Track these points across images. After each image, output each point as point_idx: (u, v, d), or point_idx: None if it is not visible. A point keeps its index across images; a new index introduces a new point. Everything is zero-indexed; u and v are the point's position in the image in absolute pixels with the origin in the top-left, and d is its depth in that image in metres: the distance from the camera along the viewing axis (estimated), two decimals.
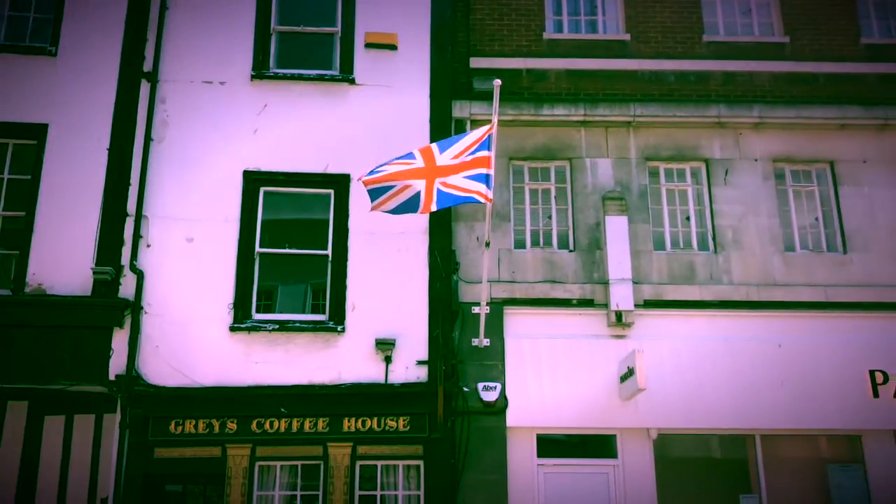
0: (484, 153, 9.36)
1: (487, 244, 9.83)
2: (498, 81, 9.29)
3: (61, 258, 10.41)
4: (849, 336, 10.88)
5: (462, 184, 9.26)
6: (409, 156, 9.27)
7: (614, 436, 10.64)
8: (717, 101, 11.90)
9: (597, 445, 10.69)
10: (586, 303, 11.02)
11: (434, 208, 9.11)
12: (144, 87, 11.18)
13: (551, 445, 10.61)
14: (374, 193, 9.31)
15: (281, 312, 10.76)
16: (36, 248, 10.45)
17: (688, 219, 11.66)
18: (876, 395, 10.61)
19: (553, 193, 11.70)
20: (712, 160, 11.77)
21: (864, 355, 10.77)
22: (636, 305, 10.91)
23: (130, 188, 10.76)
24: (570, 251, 11.31)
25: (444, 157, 9.36)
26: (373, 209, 9.31)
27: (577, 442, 10.80)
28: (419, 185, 9.17)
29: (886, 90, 12.09)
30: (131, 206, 10.70)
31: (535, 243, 11.44)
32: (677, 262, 11.27)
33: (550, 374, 10.64)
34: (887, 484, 10.42)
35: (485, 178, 9.28)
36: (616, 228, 11.16)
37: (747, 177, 11.69)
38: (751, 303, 11.04)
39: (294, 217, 11.31)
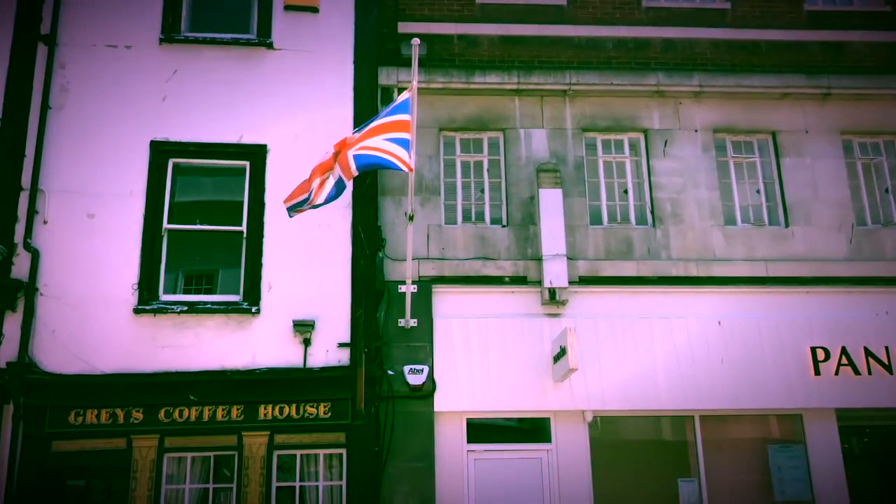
0: (402, 116, 8.71)
1: (411, 217, 9.20)
2: (416, 41, 8.64)
3: None
4: (789, 312, 10.49)
5: (382, 145, 8.59)
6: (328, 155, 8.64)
7: (548, 419, 10.13)
8: (655, 70, 11.39)
9: (530, 430, 10.18)
10: (519, 280, 10.47)
11: (355, 171, 8.44)
12: (42, 52, 10.30)
13: (482, 431, 10.05)
14: (292, 208, 8.90)
15: (191, 294, 10.01)
16: None
17: (626, 192, 11.16)
18: (818, 372, 10.23)
19: (486, 166, 11.11)
20: (651, 131, 11.27)
21: (805, 332, 10.39)
22: (571, 282, 10.39)
23: (25, 160, 9.89)
24: (503, 226, 10.74)
25: (356, 134, 8.70)
26: (293, 216, 8.98)
27: (510, 426, 10.28)
28: (335, 171, 8.55)
29: (829, 58, 11.70)
30: (26, 179, 9.84)
31: (466, 218, 10.85)
32: (614, 237, 10.77)
33: (481, 355, 10.08)
34: (828, 464, 10.07)
35: (406, 144, 8.64)
36: (550, 202, 10.60)
37: (687, 148, 11.22)
38: (689, 278, 10.59)
39: (206, 191, 10.54)
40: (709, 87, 11.31)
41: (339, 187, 8.52)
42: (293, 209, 8.76)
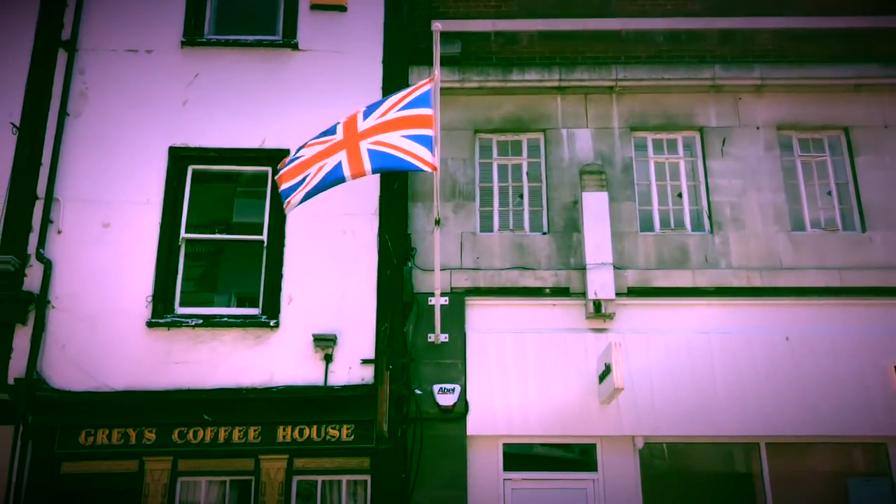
0: (423, 111, 8.00)
1: (437, 222, 8.45)
2: (437, 25, 7.94)
3: None
4: (868, 326, 9.30)
5: (400, 143, 7.88)
6: (331, 130, 7.91)
7: (594, 445, 9.15)
8: (711, 63, 10.42)
9: (573, 457, 9.21)
10: (561, 292, 9.56)
11: (369, 171, 7.71)
12: (62, 58, 9.97)
13: (520, 457, 9.14)
14: (286, 192, 7.96)
15: (206, 306, 9.44)
16: None
17: (679, 195, 10.17)
18: None
19: (525, 169, 10.28)
20: (707, 129, 10.28)
21: (887, 349, 9.18)
22: (618, 294, 9.43)
23: (42, 168, 9.52)
24: (544, 234, 9.88)
25: (368, 122, 7.98)
26: (287, 208, 7.94)
27: (551, 453, 9.32)
28: (338, 157, 7.79)
29: None
30: (41, 188, 9.46)
31: (503, 226, 10.02)
32: (667, 245, 9.79)
33: (519, 374, 9.19)
34: None
35: (428, 141, 7.91)
36: (595, 206, 9.71)
37: (748, 147, 10.18)
38: (753, 289, 9.51)
39: (225, 199, 10.01)
40: (772, 80, 10.29)
41: (332, 178, 7.71)
42: (285, 195, 7.89)
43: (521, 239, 9.82)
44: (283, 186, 8.06)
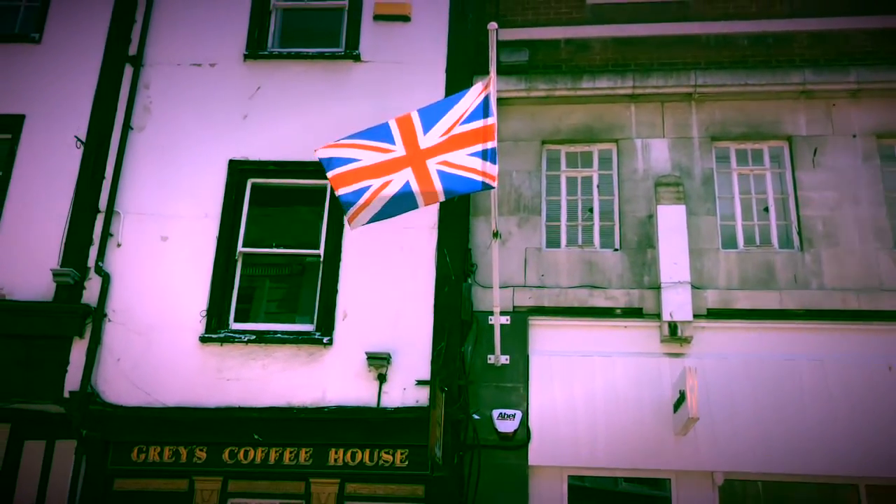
0: (486, 122, 7.52)
1: (496, 234, 7.91)
2: (493, 25, 7.46)
3: (26, 260, 9.25)
4: None
5: (467, 162, 7.41)
6: (383, 130, 7.42)
7: (668, 480, 8.39)
8: (801, 67, 9.60)
9: (645, 492, 8.48)
10: (633, 312, 8.88)
11: (441, 195, 7.24)
12: (128, 73, 10.01)
13: (586, 490, 8.48)
14: (348, 200, 7.31)
15: (260, 321, 9.18)
16: (0, 250, 9.33)
17: (766, 209, 9.35)
18: None
19: (595, 182, 9.67)
20: (797, 138, 9.45)
21: None
22: (696, 315, 8.68)
23: (104, 182, 9.53)
24: (615, 250, 9.23)
25: (431, 136, 7.49)
26: (351, 224, 7.20)
27: (620, 487, 8.59)
28: (404, 175, 7.28)
29: None
30: (103, 202, 9.45)
31: (571, 241, 9.42)
32: (752, 263, 8.97)
33: (586, 400, 8.54)
34: None
35: (492, 155, 7.46)
36: (671, 220, 9.01)
37: (843, 157, 9.29)
38: (849, 312, 8.59)
39: (283, 212, 9.79)
40: (869, 85, 9.40)
41: (403, 202, 7.24)
42: (348, 205, 7.31)
43: (591, 255, 9.20)
44: (341, 192, 7.41)
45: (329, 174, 7.22)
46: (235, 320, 9.10)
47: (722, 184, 9.49)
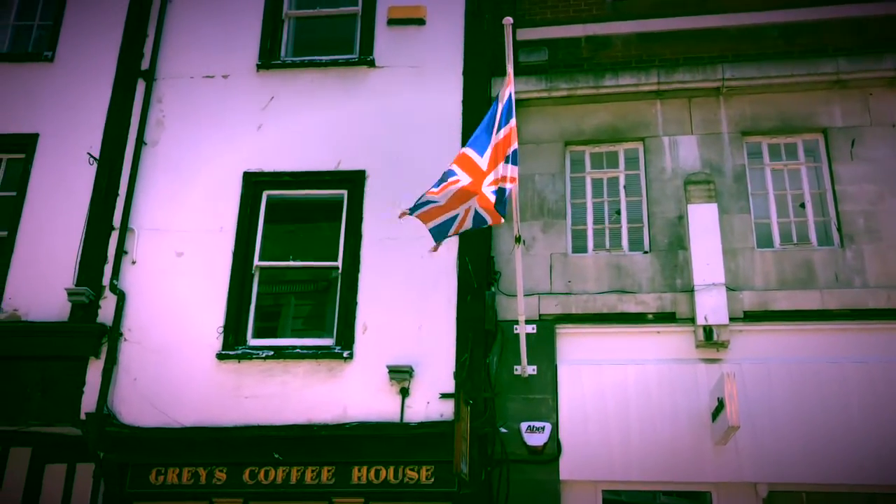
0: (507, 126, 7.24)
1: (518, 240, 7.59)
2: (509, 19, 7.16)
3: (40, 280, 9.08)
4: None
5: (502, 171, 7.15)
6: (448, 173, 7.13)
7: (708, 494, 7.98)
8: (834, 56, 9.17)
9: (679, 503, 8.06)
10: (666, 317, 8.48)
11: (500, 218, 7.00)
12: (141, 87, 9.86)
13: None
14: (438, 232, 7.20)
15: (277, 337, 8.92)
16: (15, 271, 9.18)
17: (802, 205, 8.92)
18: None
19: (622, 182, 9.31)
20: (832, 129, 9.02)
21: None
22: (733, 319, 8.26)
23: (118, 198, 9.36)
24: (645, 253, 8.85)
25: (485, 158, 7.20)
26: (434, 249, 7.23)
27: (658, 501, 8.18)
28: (473, 201, 7.04)
29: None
30: (117, 218, 9.28)
31: (598, 245, 9.05)
32: (789, 262, 8.54)
33: (619, 411, 8.15)
34: None
35: (514, 157, 7.17)
36: (703, 220, 8.61)
37: (883, 147, 8.84)
38: (894, 311, 8.12)
39: (299, 224, 9.55)
40: None
41: (478, 224, 7.04)
42: (440, 235, 7.17)
43: (619, 259, 8.83)
44: (430, 225, 7.23)
45: (414, 214, 7.00)
46: (253, 336, 8.84)
47: (755, 180, 9.08)
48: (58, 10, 10.47)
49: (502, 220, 6.82)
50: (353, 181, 9.22)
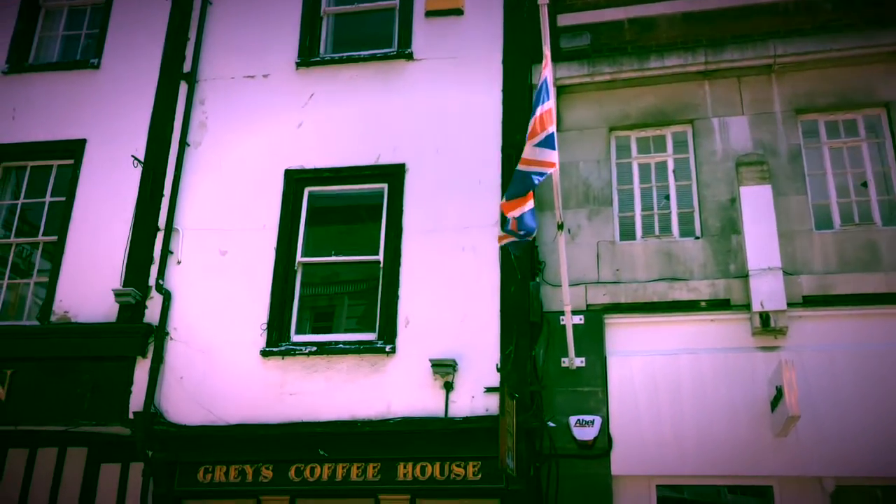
0: (543, 107, 7.06)
1: (560, 226, 7.37)
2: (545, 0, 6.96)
3: (89, 282, 9.21)
4: None
5: (530, 154, 7.04)
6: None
7: (770, 487, 7.60)
8: (893, 27, 8.68)
9: (745, 501, 7.65)
10: (720, 304, 8.12)
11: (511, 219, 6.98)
12: (183, 90, 9.94)
13: (678, 501, 7.73)
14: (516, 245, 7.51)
15: (320, 333, 8.84)
16: (65, 274, 9.34)
17: (864, 184, 8.46)
18: None
19: (670, 167, 8.97)
20: (894, 104, 8.53)
21: None
22: (791, 304, 7.86)
23: (163, 199, 9.44)
24: (696, 238, 8.50)
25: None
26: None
27: (717, 496, 7.81)
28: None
29: None
30: (162, 219, 9.35)
31: (647, 232, 8.74)
32: (851, 243, 8.10)
33: (672, 402, 7.82)
34: None
35: (550, 141, 7.00)
36: (756, 202, 8.24)
37: None
38: None
39: (340, 219, 9.49)
40: None
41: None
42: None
43: (669, 246, 8.49)
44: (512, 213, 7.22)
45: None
46: (297, 332, 8.78)
47: (811, 160, 8.65)
48: (103, 19, 10.67)
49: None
50: (394, 175, 9.11)
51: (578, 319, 8.15)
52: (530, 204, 7.02)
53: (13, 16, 10.89)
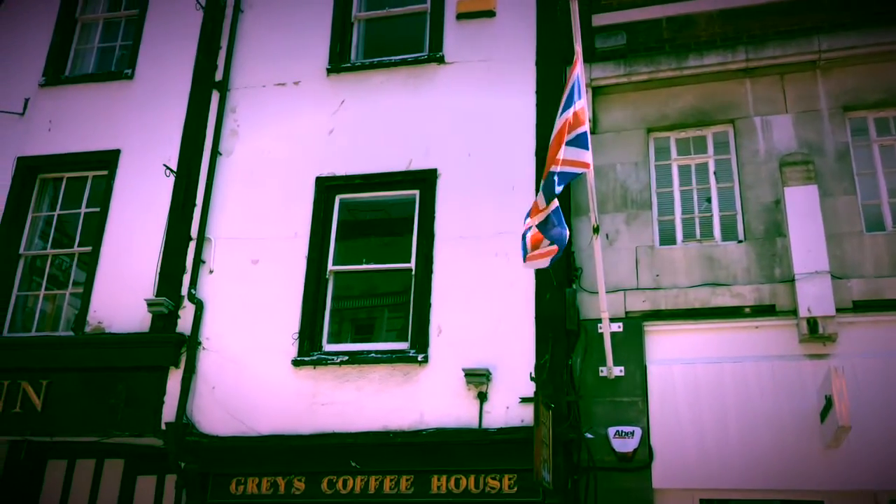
0: (575, 106, 6.81)
1: (596, 229, 7.13)
2: None
3: (123, 293, 9.20)
4: None
5: (562, 154, 6.77)
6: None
7: (821, 502, 7.24)
8: None
9: None
10: (765, 310, 7.79)
11: (542, 204, 6.60)
12: (215, 98, 9.92)
13: None
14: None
15: (351, 342, 8.70)
16: (99, 284, 9.34)
17: None
18: None
19: (711, 168, 8.67)
20: None
21: None
22: (840, 309, 7.50)
23: (195, 208, 9.41)
24: (739, 242, 8.19)
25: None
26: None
27: None
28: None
29: None
30: (195, 229, 9.32)
31: (688, 236, 8.44)
32: None
33: (716, 413, 7.51)
34: None
35: (583, 140, 6.74)
36: (802, 203, 7.90)
37: None
38: None
39: (371, 226, 9.35)
40: None
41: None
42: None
43: (711, 250, 8.19)
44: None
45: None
46: (328, 342, 8.66)
47: (860, 159, 8.28)
48: (137, 30, 10.71)
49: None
50: (425, 180, 8.96)
51: (617, 327, 7.90)
52: (553, 206, 6.60)
53: (50, 29, 10.99)
